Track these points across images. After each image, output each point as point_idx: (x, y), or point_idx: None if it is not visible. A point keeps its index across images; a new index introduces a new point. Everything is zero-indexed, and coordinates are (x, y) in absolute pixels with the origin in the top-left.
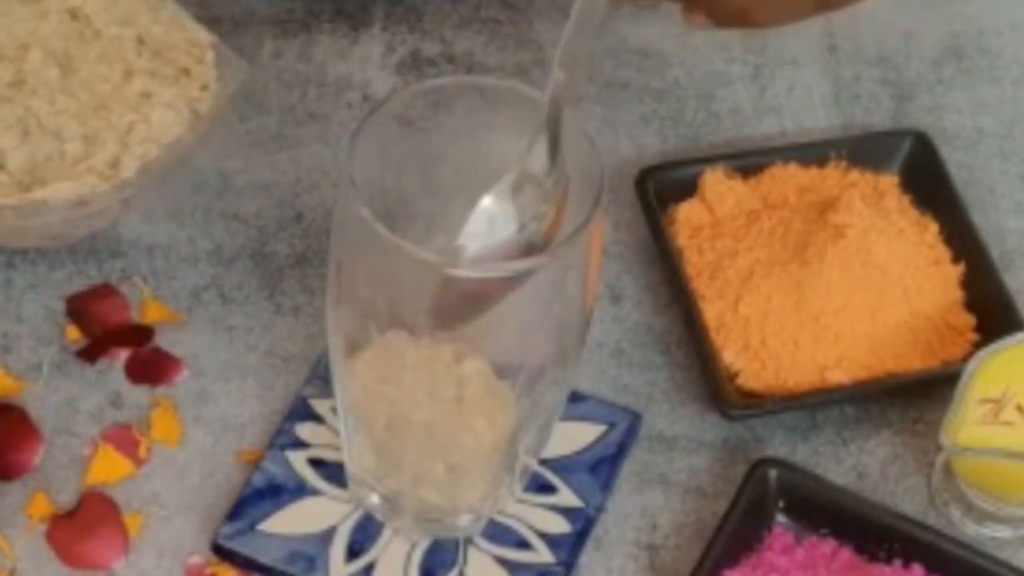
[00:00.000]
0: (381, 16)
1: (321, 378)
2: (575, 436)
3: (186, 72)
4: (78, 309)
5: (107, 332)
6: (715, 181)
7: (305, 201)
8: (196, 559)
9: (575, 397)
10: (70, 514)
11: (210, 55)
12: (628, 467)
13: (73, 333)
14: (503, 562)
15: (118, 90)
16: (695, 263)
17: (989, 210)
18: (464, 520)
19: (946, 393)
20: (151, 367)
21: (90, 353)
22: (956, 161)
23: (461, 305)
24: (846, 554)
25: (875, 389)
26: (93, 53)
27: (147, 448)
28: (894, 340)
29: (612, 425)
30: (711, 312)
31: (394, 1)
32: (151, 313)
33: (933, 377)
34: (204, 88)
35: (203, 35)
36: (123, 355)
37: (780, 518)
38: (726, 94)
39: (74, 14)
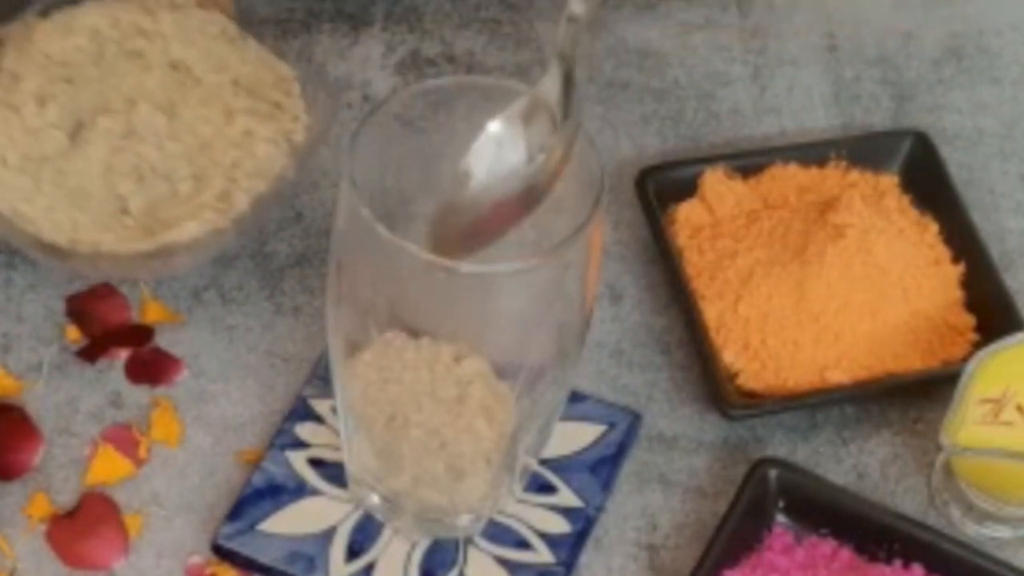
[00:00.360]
0: (381, 16)
1: (321, 378)
2: (575, 436)
3: (278, 106)
4: (78, 309)
5: (107, 332)
6: (715, 181)
7: (305, 201)
8: (196, 559)
9: (575, 397)
10: (70, 514)
11: (296, 88)
12: (628, 467)
13: (73, 333)
14: (503, 562)
15: (220, 131)
16: (695, 263)
17: (989, 210)
18: (464, 520)
19: (946, 393)
20: (151, 367)
21: (90, 353)
22: (956, 161)
23: (462, 236)
24: (846, 554)
25: (875, 389)
26: (194, 99)
27: (147, 448)
28: (894, 340)
29: (612, 425)
30: (711, 312)
31: (394, 1)
32: (151, 313)
33: (933, 377)
34: (296, 120)
35: (287, 70)
36: (123, 355)
37: (780, 518)
38: (726, 94)
39: (175, 66)
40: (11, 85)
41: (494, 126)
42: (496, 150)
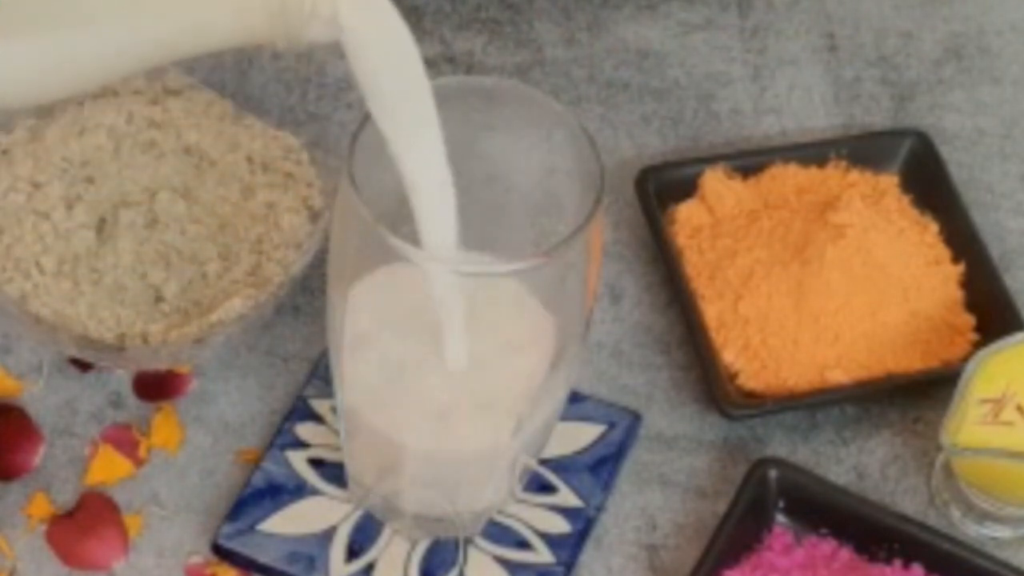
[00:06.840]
0: None
1: (321, 378)
2: (575, 436)
3: (290, 176)
4: None
5: None
6: (715, 181)
7: None
8: (196, 559)
9: (575, 397)
10: (70, 514)
11: (305, 155)
12: (628, 467)
13: None
14: (503, 562)
15: (239, 207)
16: (695, 263)
17: (989, 210)
18: (464, 520)
19: (946, 393)
20: (157, 386)
21: (85, 363)
22: (956, 161)
23: None
24: (846, 554)
25: (875, 389)
26: (211, 180)
27: (147, 448)
28: (894, 340)
29: (612, 425)
30: (711, 312)
31: (393, 1)
32: None
33: (933, 377)
34: (310, 186)
35: (292, 140)
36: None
37: (780, 518)
38: (726, 94)
39: (188, 151)
40: (33, 192)
41: None
42: None
